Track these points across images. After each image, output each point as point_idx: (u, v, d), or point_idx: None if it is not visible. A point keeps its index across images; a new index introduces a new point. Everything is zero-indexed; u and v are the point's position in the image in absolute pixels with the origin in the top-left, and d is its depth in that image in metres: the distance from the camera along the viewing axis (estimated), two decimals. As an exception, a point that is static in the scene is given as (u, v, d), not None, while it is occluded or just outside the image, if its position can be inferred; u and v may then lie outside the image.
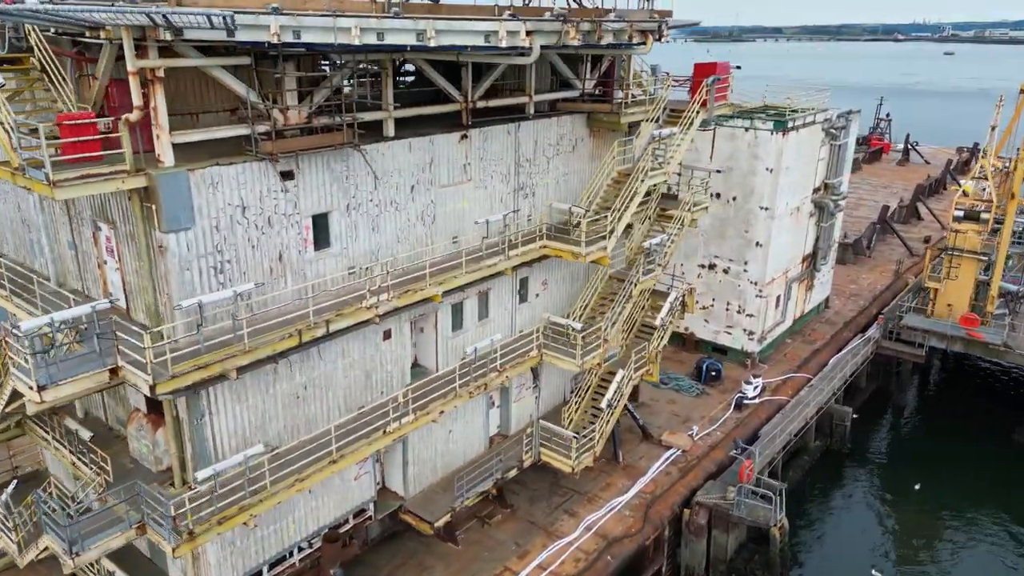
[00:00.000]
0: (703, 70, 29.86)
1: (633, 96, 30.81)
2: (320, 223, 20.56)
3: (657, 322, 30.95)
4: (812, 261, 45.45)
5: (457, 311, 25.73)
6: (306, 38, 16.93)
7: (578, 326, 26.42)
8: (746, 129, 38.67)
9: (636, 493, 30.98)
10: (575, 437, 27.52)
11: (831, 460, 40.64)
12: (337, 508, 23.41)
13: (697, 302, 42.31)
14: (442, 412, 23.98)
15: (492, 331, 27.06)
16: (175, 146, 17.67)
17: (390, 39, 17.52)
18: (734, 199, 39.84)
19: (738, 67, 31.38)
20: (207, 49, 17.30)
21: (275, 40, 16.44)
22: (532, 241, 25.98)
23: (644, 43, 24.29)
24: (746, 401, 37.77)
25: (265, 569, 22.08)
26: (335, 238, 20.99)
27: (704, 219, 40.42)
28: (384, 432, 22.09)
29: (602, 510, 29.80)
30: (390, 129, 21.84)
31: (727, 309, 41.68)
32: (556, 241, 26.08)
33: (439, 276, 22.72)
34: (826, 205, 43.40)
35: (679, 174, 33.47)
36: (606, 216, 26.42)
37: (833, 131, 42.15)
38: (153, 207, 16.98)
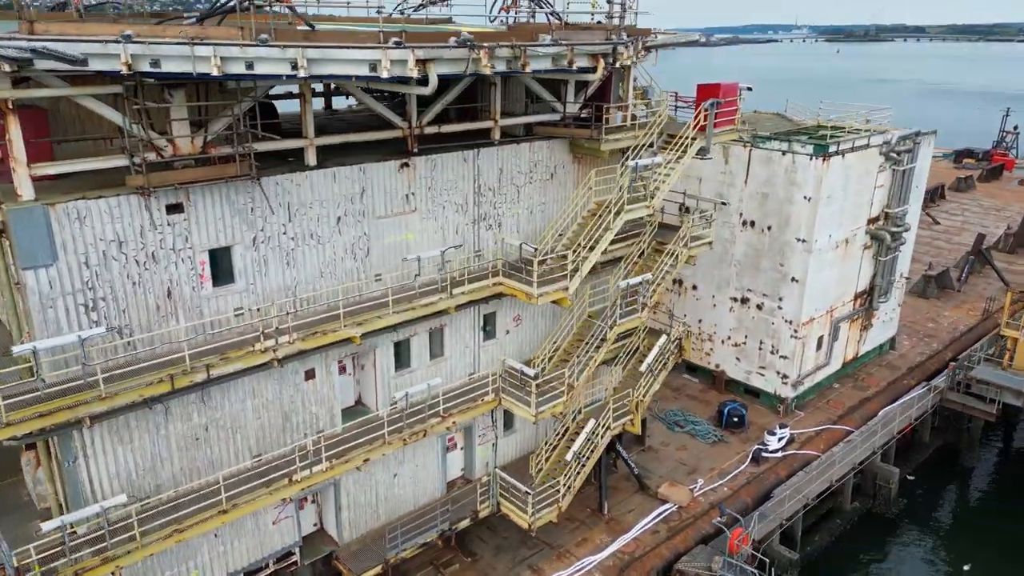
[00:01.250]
0: (706, 92, 26.82)
1: (635, 118, 28.19)
2: (220, 258, 19.35)
3: (643, 368, 28.09)
4: (868, 298, 40.77)
5: (402, 349, 24.04)
6: (166, 67, 15.68)
7: (531, 372, 24.14)
8: (783, 153, 34.88)
9: (613, 552, 28.29)
10: (529, 493, 25.25)
11: (870, 526, 36.18)
12: (251, 553, 22.21)
13: (728, 338, 38.88)
14: (367, 460, 22.37)
15: (448, 370, 25.28)
16: (70, 176, 17.07)
17: (261, 69, 16.02)
18: (769, 229, 36.10)
19: (749, 88, 28.00)
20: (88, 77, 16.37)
21: (126, 70, 15.25)
22: (484, 277, 23.94)
23: (594, 69, 21.66)
24: (766, 454, 34.08)
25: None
26: (240, 273, 19.74)
27: (738, 248, 37.06)
28: (290, 481, 20.69)
29: (570, 569, 27.32)
30: (311, 158, 20.38)
31: (760, 348, 37.91)
32: (512, 279, 23.90)
33: (359, 316, 21.10)
34: (883, 237, 38.71)
35: (683, 204, 30.47)
36: (576, 252, 24.06)
37: (894, 155, 37.48)
38: (8, 243, 16.22)
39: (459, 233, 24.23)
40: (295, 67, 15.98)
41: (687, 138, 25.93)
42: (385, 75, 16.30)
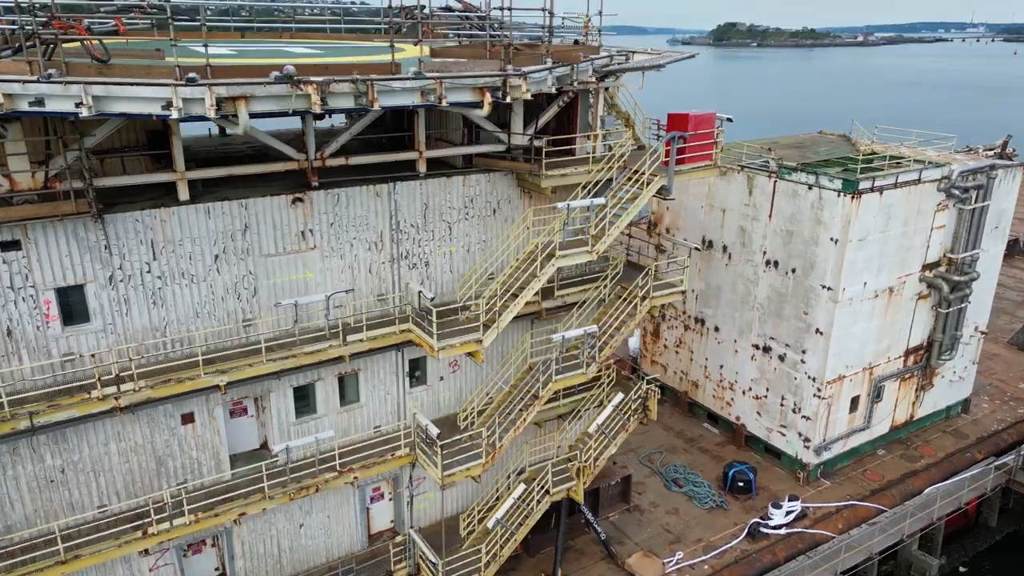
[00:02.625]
0: (674, 123, 23.47)
1: (608, 147, 25.35)
2: (71, 296, 18.40)
3: (591, 429, 25.00)
4: (926, 356, 35.15)
5: (305, 393, 22.44)
6: (-46, 104, 14.75)
7: (435, 431, 21.82)
8: (809, 187, 30.42)
9: (553, 630, 25.52)
10: (435, 563, 22.93)
11: (897, 622, 31.13)
12: (124, 600, 21.33)
13: (749, 389, 34.70)
14: (243, 514, 20.90)
15: (366, 418, 23.50)
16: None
17: (52, 106, 14.76)
18: (793, 272, 31.68)
19: (729, 119, 24.18)
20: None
21: (-97, 106, 14.44)
22: (392, 323, 21.88)
23: (479, 104, 18.89)
24: (766, 529, 29.89)
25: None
26: (95, 312, 18.73)
27: (761, 291, 32.90)
28: (145, 534, 19.53)
29: (498, 644, 24.82)
30: (183, 192, 19.08)
31: (782, 404, 33.48)
32: (420, 327, 21.70)
33: (226, 363, 19.64)
34: (940, 286, 33.12)
35: (662, 250, 27.01)
36: (491, 302, 21.60)
37: (957, 192, 31.90)
38: None
39: (374, 272, 22.30)
40: (80, 105, 14.60)
41: (644, 176, 22.67)
42: (176, 115, 14.63)
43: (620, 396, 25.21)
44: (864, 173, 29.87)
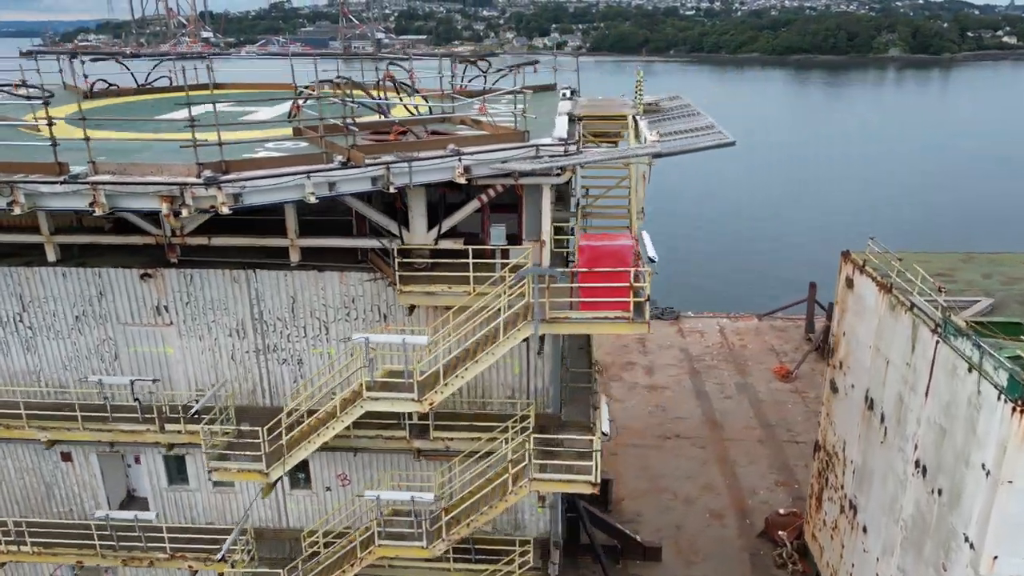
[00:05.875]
0: (583, 253, 16.14)
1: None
2: (-45, 332, 21.03)
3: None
4: None
5: (177, 464, 22.00)
6: None
7: (216, 556, 19.19)
8: (970, 368, 17.82)
9: None
10: None
11: None
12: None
13: (881, 638, 22.86)
14: (80, 562, 21.52)
15: (241, 505, 22.13)
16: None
17: None
18: (939, 494, 19.23)
19: (651, 259, 14.97)
20: None
21: None
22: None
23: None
24: None
25: None
26: (-23, 349, 21.12)
27: (907, 500, 21.47)
28: (-19, 559, 21.63)
29: None
30: (51, 254, 20.05)
31: None
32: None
33: (51, 422, 20.26)
34: None
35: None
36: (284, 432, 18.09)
37: None
38: None
39: (237, 360, 20.51)
40: None
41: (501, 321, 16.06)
42: None
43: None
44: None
